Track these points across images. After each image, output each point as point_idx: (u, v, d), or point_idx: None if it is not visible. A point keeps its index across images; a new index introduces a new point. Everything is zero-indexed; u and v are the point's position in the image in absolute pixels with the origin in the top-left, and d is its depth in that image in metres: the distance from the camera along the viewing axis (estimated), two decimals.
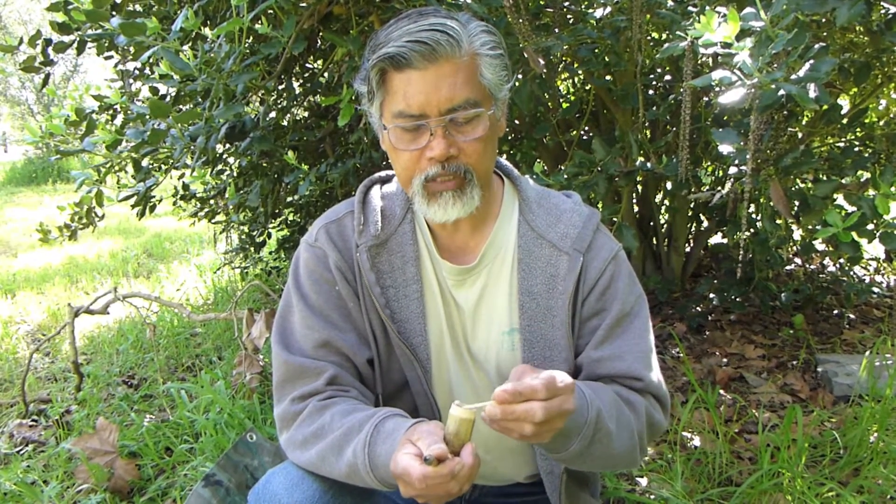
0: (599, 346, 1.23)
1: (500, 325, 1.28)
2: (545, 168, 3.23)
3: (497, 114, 1.19)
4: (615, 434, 1.13)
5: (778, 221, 2.58)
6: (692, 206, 3.42)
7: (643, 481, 2.09)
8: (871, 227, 1.68)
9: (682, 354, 2.75)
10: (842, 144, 2.85)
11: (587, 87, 3.23)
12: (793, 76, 1.33)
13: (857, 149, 2.74)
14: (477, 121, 1.13)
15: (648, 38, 2.98)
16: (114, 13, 2.36)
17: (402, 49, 1.08)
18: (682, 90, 1.91)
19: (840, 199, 2.21)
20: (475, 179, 1.16)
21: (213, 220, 3.97)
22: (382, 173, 1.37)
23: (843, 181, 2.15)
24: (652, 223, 3.65)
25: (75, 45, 2.50)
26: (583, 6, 2.52)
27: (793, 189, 2.20)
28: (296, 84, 3.25)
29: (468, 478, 0.94)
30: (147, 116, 2.32)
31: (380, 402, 1.28)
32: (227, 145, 3.02)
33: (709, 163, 3.28)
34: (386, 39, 1.11)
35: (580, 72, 3.02)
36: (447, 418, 0.95)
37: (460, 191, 1.15)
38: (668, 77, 2.99)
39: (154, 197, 2.92)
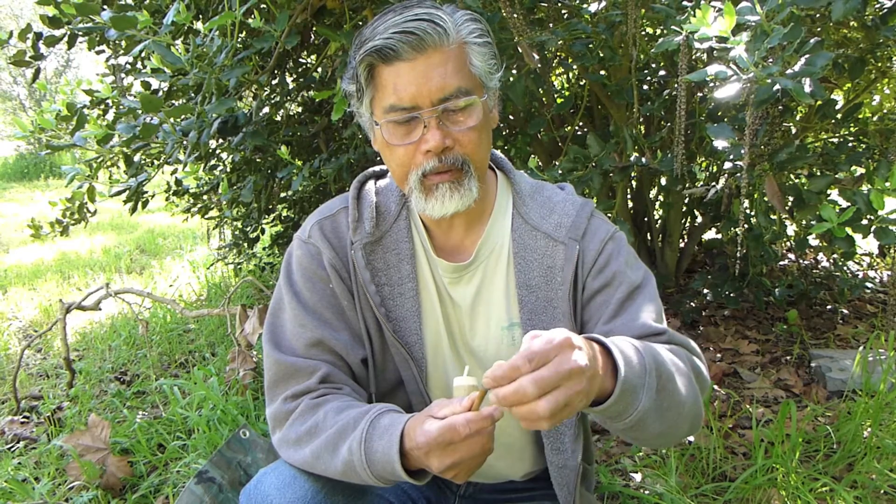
0: (611, 320, 1.18)
1: (498, 320, 1.26)
2: (540, 163, 3.23)
3: (490, 103, 1.17)
4: (676, 377, 1.03)
5: (772, 217, 2.59)
6: (686, 201, 3.43)
7: (637, 477, 2.09)
8: (865, 222, 1.68)
9: None
10: (836, 140, 2.86)
11: (582, 83, 3.22)
12: (788, 71, 1.33)
13: (851, 144, 2.75)
14: (471, 109, 1.11)
15: (643, 33, 2.97)
16: (104, 6, 2.34)
17: (390, 41, 1.06)
18: (677, 85, 1.91)
19: (834, 194, 2.22)
20: (472, 170, 1.14)
21: (206, 216, 3.95)
22: (377, 168, 1.34)
23: (838, 176, 2.15)
24: (646, 219, 3.65)
25: (66, 38, 2.48)
26: (577, 1, 2.51)
27: (787, 184, 2.21)
28: (289, 79, 3.23)
29: (493, 436, 0.93)
30: (138, 111, 2.29)
31: (373, 401, 1.26)
32: (220, 140, 3.00)
33: (703, 158, 3.28)
34: (372, 34, 1.09)
35: (575, 67, 3.01)
36: (454, 390, 0.94)
37: (458, 182, 1.13)
38: (662, 72, 2.98)
39: (146, 192, 2.90)
